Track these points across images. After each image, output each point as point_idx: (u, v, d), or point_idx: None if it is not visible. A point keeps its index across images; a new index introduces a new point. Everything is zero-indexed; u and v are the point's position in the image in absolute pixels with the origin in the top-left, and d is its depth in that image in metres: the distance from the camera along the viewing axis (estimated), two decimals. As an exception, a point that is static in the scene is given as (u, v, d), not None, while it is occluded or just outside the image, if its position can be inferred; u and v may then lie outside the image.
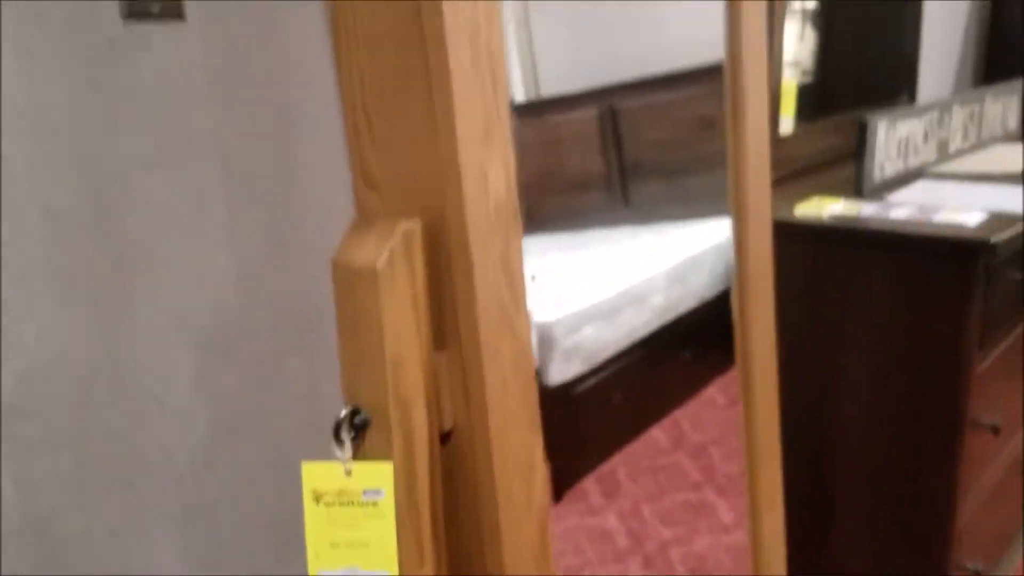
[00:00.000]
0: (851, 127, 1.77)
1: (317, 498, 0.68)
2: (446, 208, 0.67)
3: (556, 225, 1.26)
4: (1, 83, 0.81)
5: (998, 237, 1.37)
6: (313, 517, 0.68)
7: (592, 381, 1.31)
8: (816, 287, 1.57)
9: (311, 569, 0.67)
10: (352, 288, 0.66)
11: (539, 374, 1.44)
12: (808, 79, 2.35)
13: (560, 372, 1.50)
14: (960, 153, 1.97)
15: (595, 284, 1.27)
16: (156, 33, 0.91)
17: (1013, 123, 2.19)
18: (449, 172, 0.66)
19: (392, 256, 0.65)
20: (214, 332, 0.99)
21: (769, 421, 1.10)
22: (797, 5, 2.34)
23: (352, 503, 0.68)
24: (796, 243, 1.58)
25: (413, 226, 0.67)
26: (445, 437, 0.73)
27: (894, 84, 2.40)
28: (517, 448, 0.73)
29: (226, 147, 0.98)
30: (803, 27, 2.39)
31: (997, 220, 1.46)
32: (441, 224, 0.68)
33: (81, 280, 0.88)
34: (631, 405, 1.34)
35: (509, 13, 1.24)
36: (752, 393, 1.07)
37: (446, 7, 0.63)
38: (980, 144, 2.05)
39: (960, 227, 1.43)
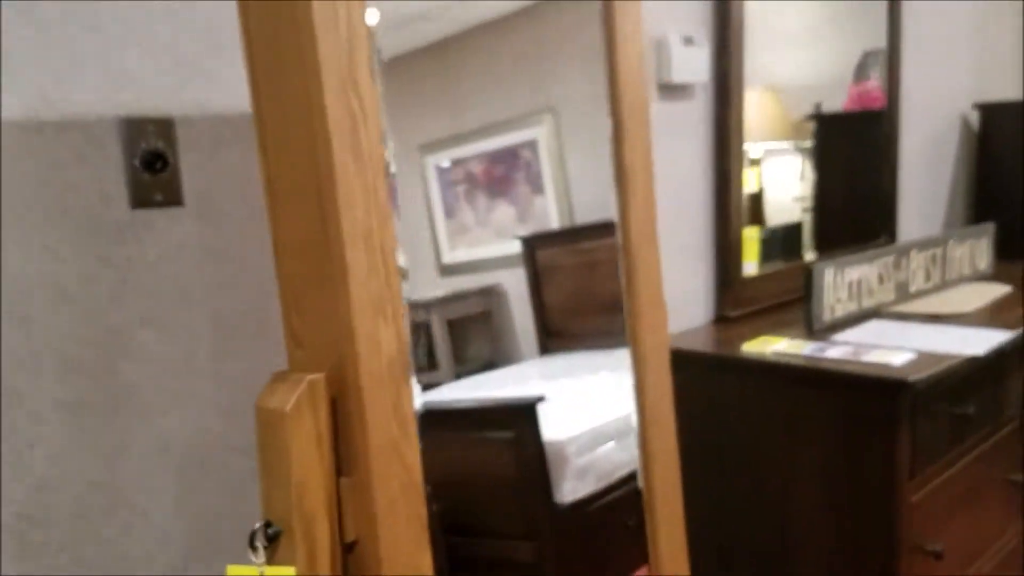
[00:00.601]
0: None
1: (238, 595, 0.86)
2: (344, 366, 0.87)
3: (587, 343, 1.40)
4: (32, 258, 1.06)
5: (916, 376, 1.51)
6: (235, 610, 0.86)
7: (606, 500, 1.39)
8: (765, 417, 1.70)
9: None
10: (267, 426, 0.85)
11: (551, 492, 1.56)
12: (808, 216, 2.55)
13: (572, 490, 1.60)
14: (922, 293, 2.11)
15: (613, 403, 1.36)
16: (159, 217, 1.15)
17: (984, 263, 2.33)
18: (347, 339, 0.86)
19: (299, 402, 0.85)
20: (195, 454, 1.20)
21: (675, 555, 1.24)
22: (805, 143, 2.56)
23: (264, 599, 0.85)
24: (744, 378, 1.73)
25: (318, 378, 0.87)
26: (351, 546, 0.91)
27: (875, 224, 2.57)
28: (404, 556, 0.90)
29: (214, 307, 1.21)
30: (803, 166, 2.61)
31: (922, 360, 1.59)
32: (344, 377, 0.88)
33: (85, 413, 1.10)
34: (645, 526, 1.38)
35: (546, 150, 1.44)
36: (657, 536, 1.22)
37: (344, 217, 0.85)
38: (945, 284, 2.18)
39: (886, 366, 1.57)
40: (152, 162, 1.12)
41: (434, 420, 1.62)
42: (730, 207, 1.97)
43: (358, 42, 0.85)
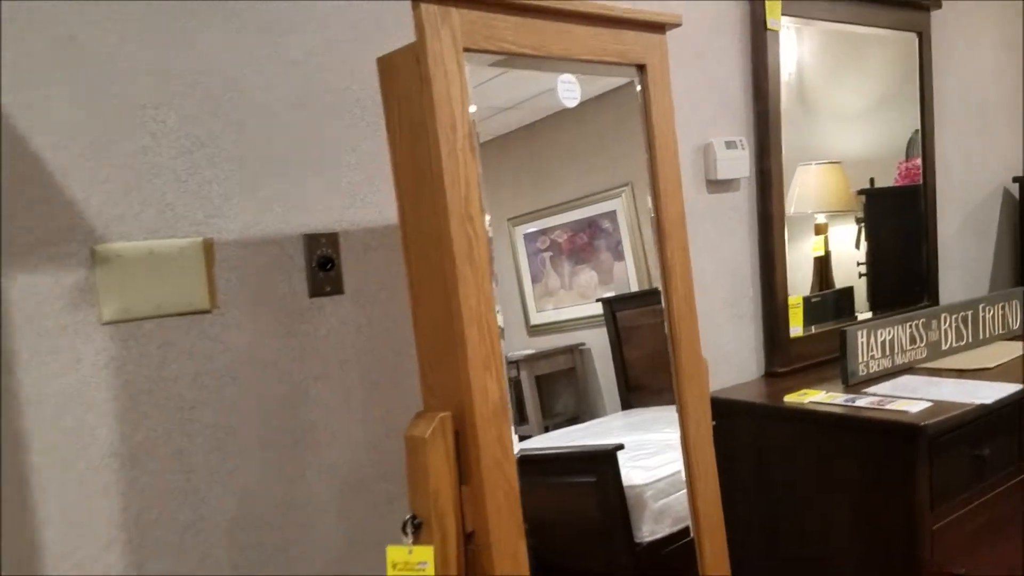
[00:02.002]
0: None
1: (393, 566, 1.25)
2: (464, 408, 1.27)
3: (665, 398, 1.56)
4: (244, 335, 1.50)
5: (928, 422, 1.81)
6: (391, 577, 1.25)
7: (681, 542, 1.59)
8: (804, 457, 2.02)
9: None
10: (412, 449, 1.25)
11: (631, 532, 1.85)
12: (864, 280, 2.85)
13: (650, 531, 1.87)
14: (954, 351, 2.39)
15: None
16: (327, 303, 1.59)
17: (1016, 323, 2.58)
18: (464, 389, 1.26)
19: (433, 432, 1.25)
20: (349, 478, 1.61)
21: None
22: (860, 214, 2.88)
23: (412, 570, 1.24)
24: (786, 424, 2.06)
25: (446, 415, 1.26)
26: (469, 536, 1.29)
27: (917, 289, 2.86)
28: (507, 543, 1.27)
29: (365, 366, 1.63)
30: (858, 235, 2.92)
31: (936, 408, 1.89)
32: (463, 415, 1.28)
33: (276, 446, 1.53)
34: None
35: (624, 220, 1.61)
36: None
37: (463, 307, 1.25)
38: (977, 343, 2.46)
39: (904, 413, 1.87)
40: (324, 264, 1.56)
41: (525, 466, 1.93)
42: (775, 279, 2.30)
43: (472, 190, 1.26)
